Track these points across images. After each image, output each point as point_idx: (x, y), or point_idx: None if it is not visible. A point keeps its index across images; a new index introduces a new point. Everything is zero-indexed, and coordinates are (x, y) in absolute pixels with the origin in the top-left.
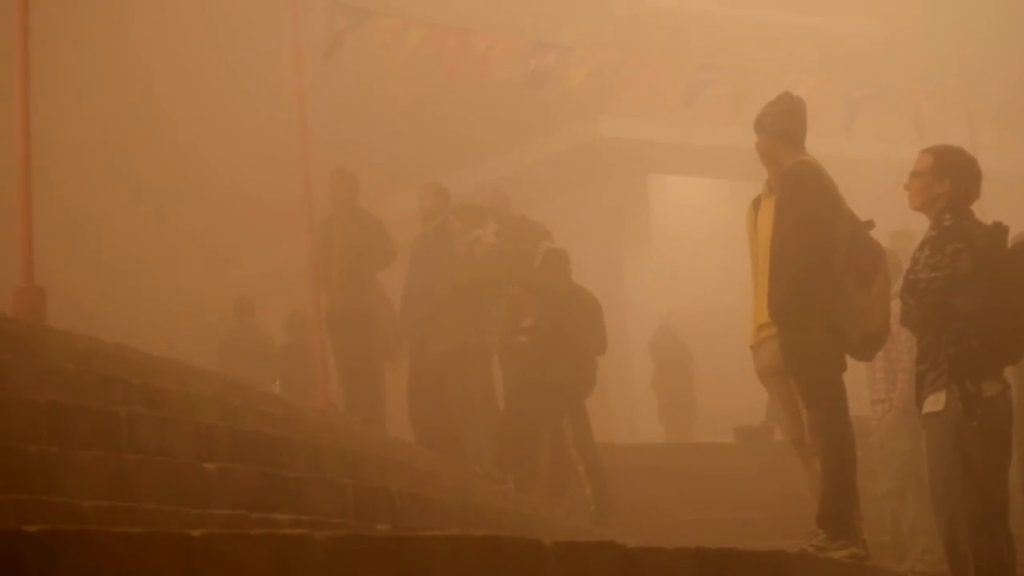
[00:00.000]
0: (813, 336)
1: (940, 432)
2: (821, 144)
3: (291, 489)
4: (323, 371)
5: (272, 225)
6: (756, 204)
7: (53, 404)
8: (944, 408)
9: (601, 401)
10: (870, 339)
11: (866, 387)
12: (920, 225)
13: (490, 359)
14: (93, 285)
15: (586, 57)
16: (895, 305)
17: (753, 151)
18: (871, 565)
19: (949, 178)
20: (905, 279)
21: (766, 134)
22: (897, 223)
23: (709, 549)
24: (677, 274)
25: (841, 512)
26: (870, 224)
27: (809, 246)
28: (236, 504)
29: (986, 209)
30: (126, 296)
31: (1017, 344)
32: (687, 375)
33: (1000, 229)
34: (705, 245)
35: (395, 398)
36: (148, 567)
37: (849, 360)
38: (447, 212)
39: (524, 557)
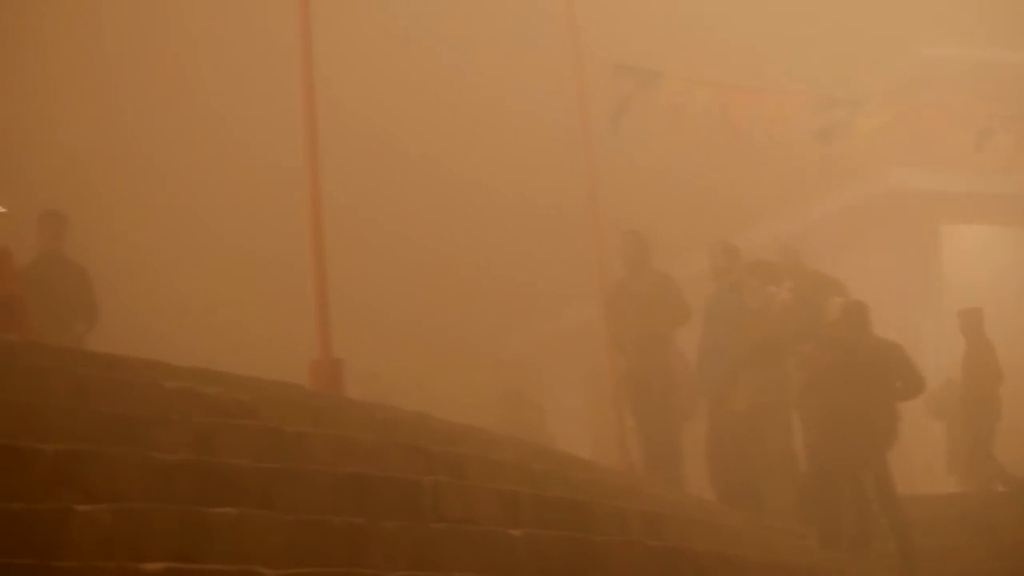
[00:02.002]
0: None
1: None
2: None
3: (598, 553)
4: (621, 432)
5: (565, 287)
6: None
7: (356, 476)
8: None
9: (901, 451)
10: None
11: None
12: None
13: (789, 415)
14: (389, 354)
15: (875, 110)
16: None
17: None
18: None
19: None
20: None
21: None
22: None
23: None
24: None
25: None
26: None
27: None
28: (543, 570)
29: None
30: (423, 363)
31: None
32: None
33: None
34: (999, 294)
35: (694, 456)
36: None
37: None
38: (740, 269)
39: None
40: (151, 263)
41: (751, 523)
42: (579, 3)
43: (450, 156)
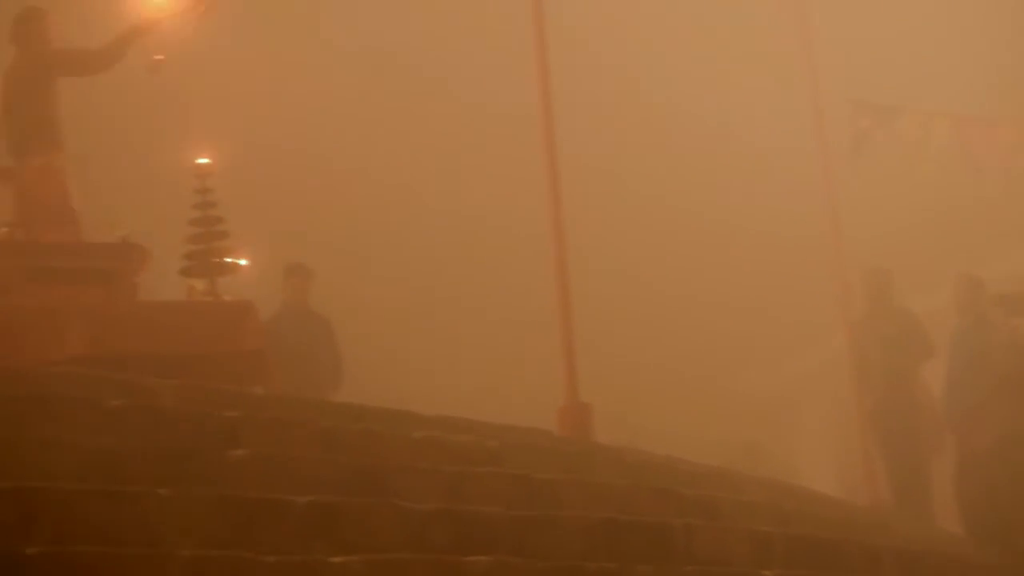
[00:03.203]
0: None
1: None
2: None
3: None
4: (869, 468)
5: (808, 325)
6: None
7: (607, 520)
8: None
9: None
10: None
11: None
12: None
13: None
14: (636, 398)
15: None
16: None
17: None
18: None
19: None
20: None
21: None
22: None
23: None
24: None
25: None
26: None
27: None
28: None
29: None
30: (669, 406)
31: None
32: None
33: None
34: None
35: (942, 492)
36: None
37: None
38: (984, 302)
39: None
40: (393, 311)
41: (1002, 559)
42: (816, 40)
43: (688, 196)
